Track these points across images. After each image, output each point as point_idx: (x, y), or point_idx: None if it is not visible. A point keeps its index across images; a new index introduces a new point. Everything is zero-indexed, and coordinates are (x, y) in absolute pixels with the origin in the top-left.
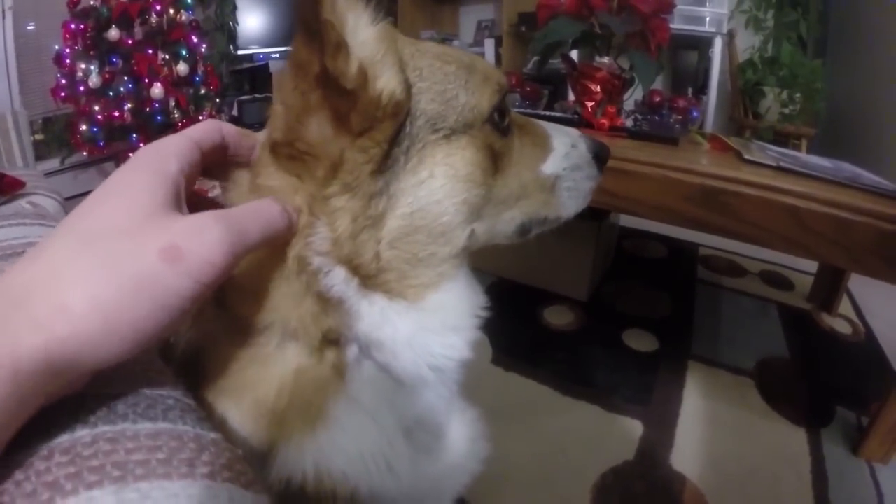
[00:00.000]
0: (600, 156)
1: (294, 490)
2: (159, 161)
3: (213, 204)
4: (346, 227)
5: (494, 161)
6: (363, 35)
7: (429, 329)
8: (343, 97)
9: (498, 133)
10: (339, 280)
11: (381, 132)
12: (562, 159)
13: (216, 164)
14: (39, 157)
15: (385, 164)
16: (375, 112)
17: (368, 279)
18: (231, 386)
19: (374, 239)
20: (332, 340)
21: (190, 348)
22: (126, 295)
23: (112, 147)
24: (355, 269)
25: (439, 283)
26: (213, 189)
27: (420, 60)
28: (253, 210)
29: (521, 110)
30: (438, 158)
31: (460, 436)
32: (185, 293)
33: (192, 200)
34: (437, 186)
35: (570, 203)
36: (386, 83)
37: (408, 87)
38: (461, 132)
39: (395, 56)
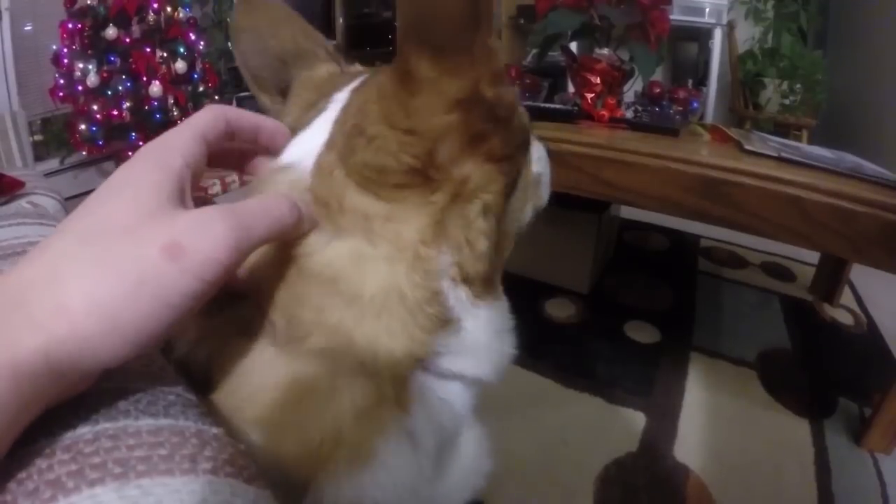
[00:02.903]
0: (550, 152)
1: None
2: (163, 155)
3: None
4: (482, 246)
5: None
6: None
7: (502, 329)
8: (490, 122)
9: None
10: (461, 299)
11: (518, 159)
12: (540, 159)
13: (223, 151)
14: (39, 157)
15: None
16: (517, 139)
17: (478, 292)
18: (277, 421)
19: (490, 252)
20: (401, 376)
21: (199, 362)
22: (126, 293)
23: (111, 146)
24: (472, 284)
25: (499, 283)
26: (213, 186)
27: None
28: (261, 205)
29: (522, 103)
30: (523, 173)
31: (470, 451)
32: (188, 291)
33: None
34: (520, 196)
35: (545, 194)
36: (522, 112)
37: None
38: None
39: None
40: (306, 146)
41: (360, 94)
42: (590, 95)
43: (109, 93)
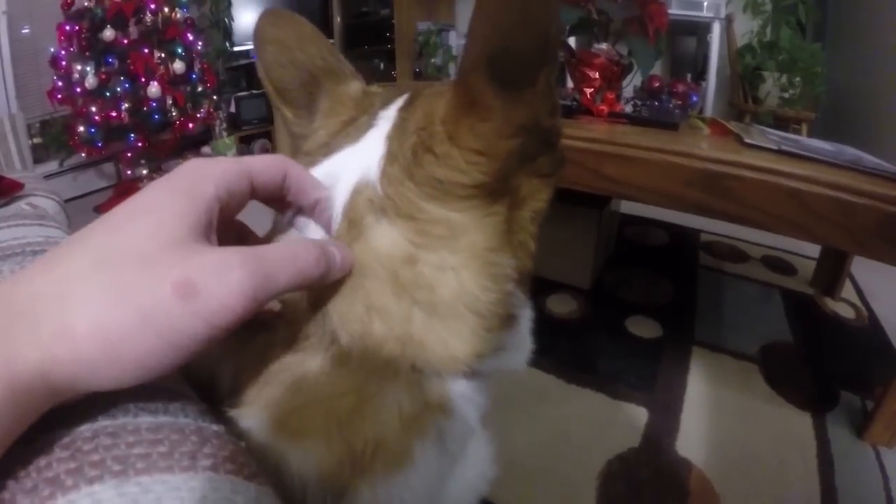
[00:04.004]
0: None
1: None
2: (195, 182)
3: (252, 238)
4: (532, 247)
5: None
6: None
7: (529, 330)
8: (542, 146)
9: None
10: (521, 300)
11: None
12: None
13: (275, 199)
14: (38, 160)
15: None
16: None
17: (524, 290)
18: (322, 430)
19: (532, 255)
20: (449, 380)
21: (226, 377)
22: (131, 325)
23: (110, 147)
24: (523, 283)
25: None
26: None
27: None
28: (287, 253)
29: None
30: None
31: (475, 457)
32: (195, 334)
33: (234, 229)
34: None
35: None
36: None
37: None
38: None
39: None
40: (363, 159)
41: (414, 113)
42: (589, 90)
43: (108, 94)
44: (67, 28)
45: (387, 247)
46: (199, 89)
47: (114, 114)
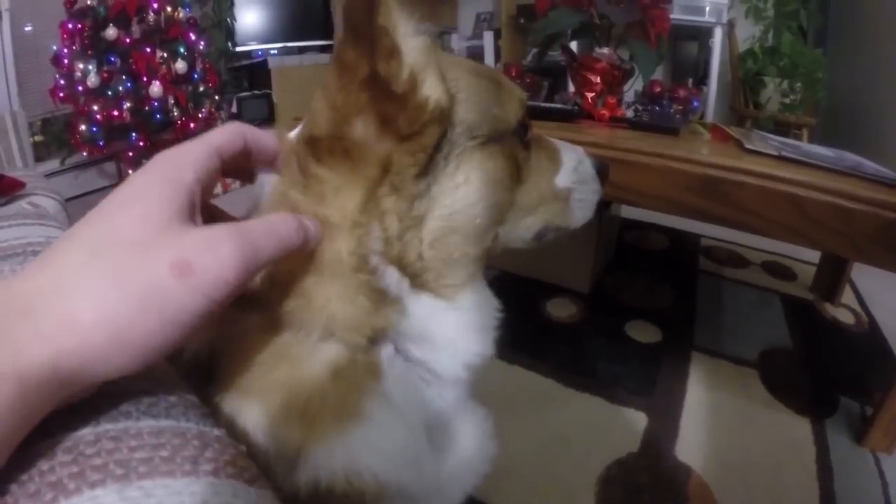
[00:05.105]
0: (602, 172)
1: (322, 492)
2: (175, 169)
3: (224, 215)
4: (395, 227)
5: (518, 170)
6: (412, 42)
7: (468, 327)
8: (392, 101)
9: (521, 145)
10: (394, 279)
11: (427, 137)
12: (571, 173)
13: (239, 167)
14: (39, 158)
15: (427, 168)
16: (422, 117)
17: (414, 278)
18: (257, 387)
19: (417, 239)
20: (371, 339)
21: (203, 351)
22: (134, 309)
23: (112, 146)
24: (403, 268)
25: (468, 283)
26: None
27: (455, 71)
28: (268, 225)
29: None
30: (474, 164)
31: (471, 435)
32: (195, 309)
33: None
34: (472, 190)
35: (579, 214)
36: (433, 90)
37: (451, 95)
38: (494, 141)
39: (437, 65)
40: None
41: None
42: (590, 95)
43: (110, 93)
44: (70, 26)
45: (295, 202)
46: (201, 89)
47: (115, 113)
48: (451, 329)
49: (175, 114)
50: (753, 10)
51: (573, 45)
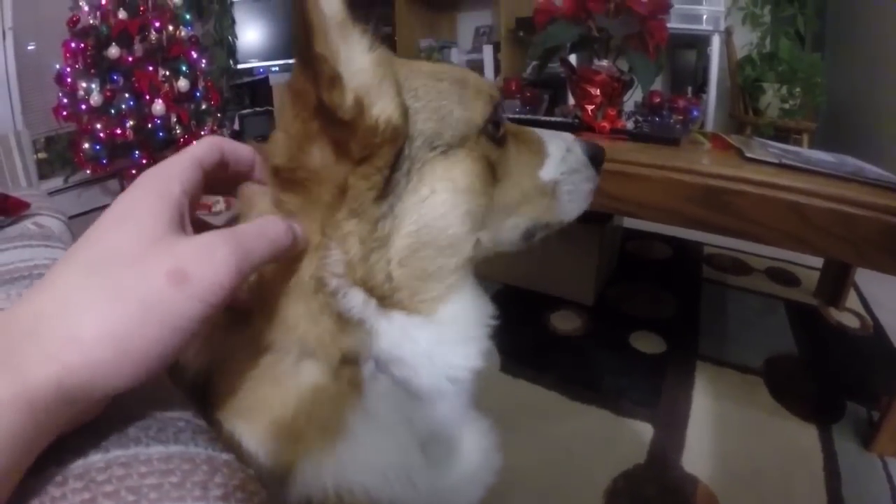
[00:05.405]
0: (596, 157)
1: None
2: (162, 184)
3: (210, 226)
4: (357, 250)
5: (493, 171)
6: (359, 63)
7: (445, 341)
8: (341, 127)
9: (493, 143)
10: (357, 301)
11: (381, 158)
12: (559, 164)
13: (218, 180)
14: (43, 176)
15: (388, 189)
16: (374, 139)
17: (384, 299)
18: (245, 406)
19: (384, 259)
20: (345, 358)
21: (200, 371)
22: (135, 320)
23: (115, 164)
24: (370, 290)
25: (449, 295)
26: (216, 204)
27: (415, 80)
28: (258, 228)
29: (522, 116)
30: (438, 174)
31: (474, 447)
32: (194, 314)
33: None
34: (439, 201)
35: (571, 206)
36: (382, 110)
37: (404, 110)
38: (458, 146)
39: (392, 80)
40: None
41: None
42: (590, 107)
43: (113, 111)
44: (73, 45)
45: None
46: (203, 107)
47: (118, 131)
48: (427, 344)
49: (178, 131)
50: (750, 16)
51: (572, 58)
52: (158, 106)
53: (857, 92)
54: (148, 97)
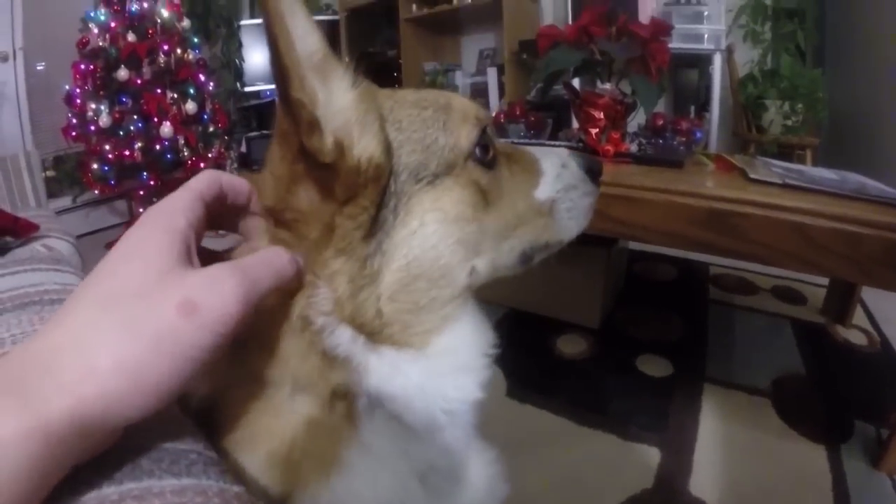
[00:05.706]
0: (593, 170)
1: None
2: (168, 219)
3: (216, 255)
4: (345, 288)
5: (484, 195)
6: (340, 103)
7: (439, 373)
8: (323, 170)
9: (483, 167)
10: (345, 339)
11: (366, 197)
12: (554, 181)
13: (218, 213)
14: (51, 194)
15: (375, 227)
16: (357, 180)
17: (374, 335)
18: (245, 437)
19: (373, 296)
20: (336, 394)
21: (205, 398)
22: (148, 351)
23: (123, 185)
24: (359, 327)
25: (443, 326)
26: (224, 237)
27: (399, 112)
28: (263, 259)
29: (526, 141)
30: (426, 206)
31: (479, 477)
32: (204, 344)
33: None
34: (429, 233)
35: (570, 224)
36: (364, 149)
37: (387, 146)
38: (444, 174)
39: (375, 115)
40: None
41: None
42: (594, 130)
43: (121, 133)
44: (82, 67)
45: None
46: (211, 129)
47: (127, 152)
48: (420, 378)
49: (185, 153)
50: (751, 33)
51: (575, 82)
52: (166, 128)
53: (859, 105)
54: (156, 119)
